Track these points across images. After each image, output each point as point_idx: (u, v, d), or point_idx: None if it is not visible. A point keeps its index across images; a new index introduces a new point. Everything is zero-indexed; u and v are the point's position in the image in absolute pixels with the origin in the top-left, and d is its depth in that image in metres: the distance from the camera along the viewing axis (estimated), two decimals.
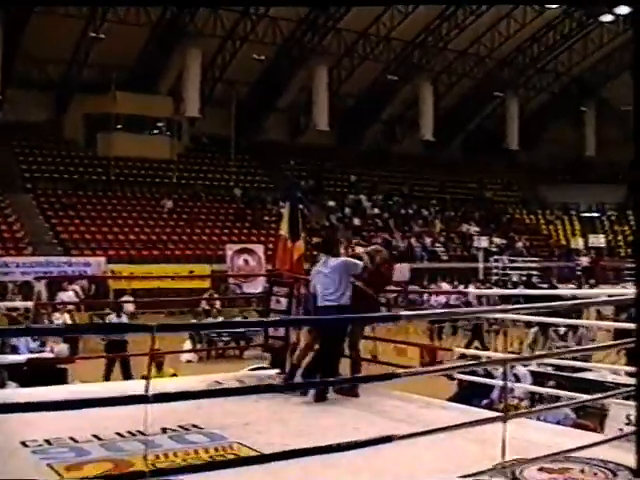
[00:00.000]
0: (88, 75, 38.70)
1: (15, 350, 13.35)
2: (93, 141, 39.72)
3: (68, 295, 23.96)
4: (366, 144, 47.45)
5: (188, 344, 19.70)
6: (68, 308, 20.70)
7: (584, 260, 43.58)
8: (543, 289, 30.12)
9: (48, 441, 6.40)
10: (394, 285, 31.08)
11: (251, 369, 10.06)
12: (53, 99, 39.39)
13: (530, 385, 10.23)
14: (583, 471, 5.63)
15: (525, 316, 9.97)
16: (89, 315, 23.12)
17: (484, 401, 10.36)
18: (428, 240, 42.86)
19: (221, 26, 38.91)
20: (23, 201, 35.69)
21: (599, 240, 47.35)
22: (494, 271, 38.40)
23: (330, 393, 8.21)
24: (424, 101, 45.95)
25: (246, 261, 30.37)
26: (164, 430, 6.64)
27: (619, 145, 39.16)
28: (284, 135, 45.58)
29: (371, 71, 44.55)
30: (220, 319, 21.56)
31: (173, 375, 12.86)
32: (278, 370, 9.52)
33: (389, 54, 43.73)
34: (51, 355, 14.04)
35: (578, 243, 47.34)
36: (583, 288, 30.91)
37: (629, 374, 8.39)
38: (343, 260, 8.61)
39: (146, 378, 4.31)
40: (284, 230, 10.20)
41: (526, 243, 45.97)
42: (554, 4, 42.05)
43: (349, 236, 34.52)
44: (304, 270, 9.70)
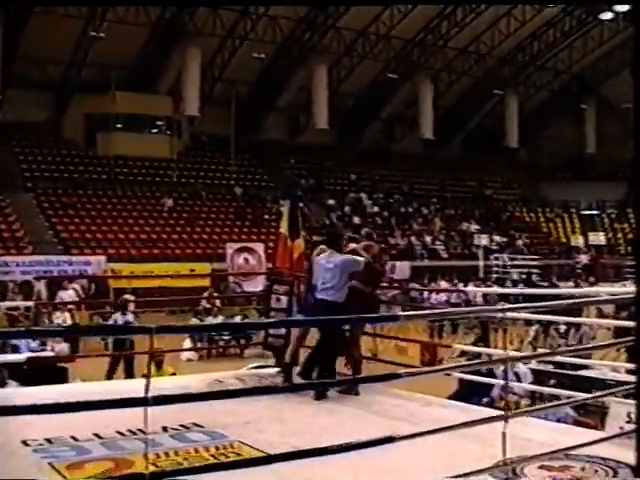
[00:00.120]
0: (88, 75, 38.69)
1: (16, 349, 13.35)
2: (93, 140, 39.69)
3: (68, 294, 23.95)
4: (366, 143, 47.42)
5: (188, 343, 19.71)
6: (68, 307, 20.70)
7: (584, 258, 43.58)
8: (543, 287, 30.20)
9: (49, 440, 6.40)
10: (394, 283, 31.14)
11: (252, 367, 10.07)
12: (53, 99, 39.37)
13: (530, 383, 10.22)
14: (584, 469, 5.63)
15: (525, 314, 9.96)
16: (89, 314, 23.09)
17: (484, 399, 10.36)
18: (428, 238, 42.86)
19: (221, 25, 38.89)
20: (23, 200, 35.66)
21: (599, 238, 47.40)
22: (494, 269, 38.38)
23: (330, 391, 8.21)
24: (424, 99, 45.93)
25: (246, 260, 30.40)
26: (165, 429, 6.65)
27: (619, 143, 39.22)
28: (284, 134, 45.56)
29: (371, 70, 44.54)
30: (220, 318, 21.56)
31: (173, 374, 12.87)
32: (279, 369, 9.52)
33: (389, 53, 43.69)
34: (52, 354, 14.04)
35: (578, 241, 47.37)
36: (582, 286, 30.92)
37: (630, 372, 8.39)
38: (347, 257, 8.61)
39: (146, 377, 4.30)
40: (284, 228, 10.20)
41: (526, 241, 45.94)
42: (554, 4, 42.06)
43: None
44: (304, 268, 9.70)
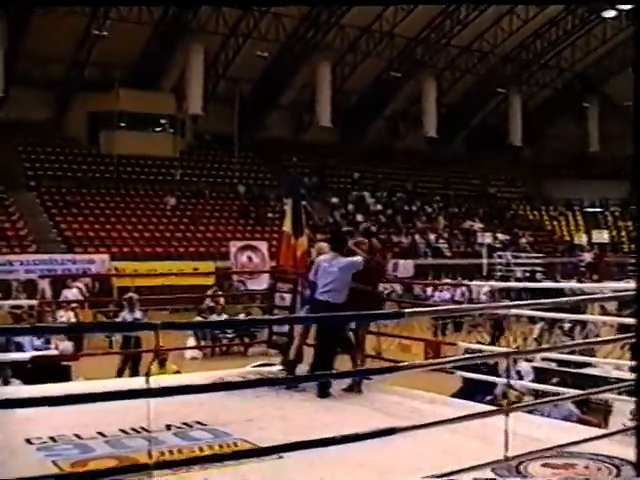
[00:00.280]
0: (91, 73, 38.71)
1: (19, 347, 13.34)
2: (96, 139, 39.70)
3: (72, 293, 23.95)
4: (369, 140, 47.39)
5: (192, 341, 19.71)
6: (72, 306, 20.71)
7: (588, 256, 43.51)
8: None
9: (53, 438, 6.43)
10: (397, 281, 31.11)
11: (255, 366, 10.08)
12: (56, 97, 39.39)
13: (533, 381, 10.20)
14: (587, 467, 5.63)
15: (529, 311, 9.96)
16: (93, 313, 23.10)
17: (487, 397, 10.34)
18: (432, 236, 42.84)
19: (224, 23, 38.89)
20: (27, 199, 35.70)
21: (603, 236, 47.32)
22: (498, 267, 38.36)
23: (332, 388, 8.22)
24: (427, 97, 45.89)
25: (250, 258, 30.42)
26: (168, 427, 6.67)
27: (622, 141, 38.94)
28: (287, 132, 45.55)
29: (374, 67, 44.50)
30: (224, 316, 21.55)
31: (176, 372, 12.88)
32: (282, 367, 9.53)
33: (392, 50, 43.64)
34: (55, 352, 14.03)
35: (582, 239, 47.32)
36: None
37: (633, 369, 8.37)
38: (347, 260, 8.62)
39: (147, 374, 4.32)
40: (287, 227, 10.20)
41: (530, 239, 45.92)
42: (554, 4, 42.05)
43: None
44: (307, 266, 9.69)
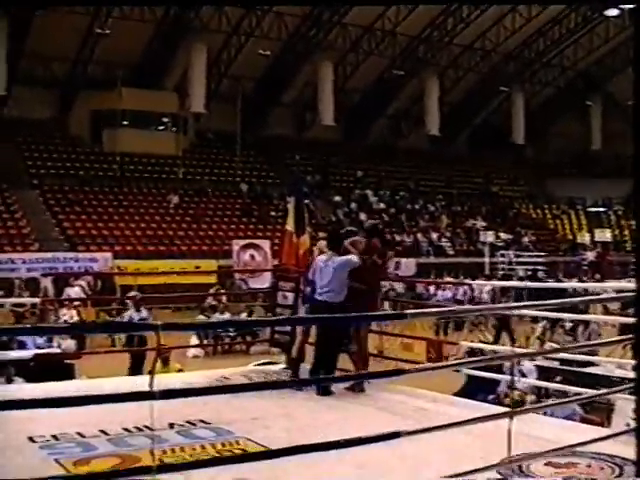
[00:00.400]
0: (93, 71, 38.70)
1: (22, 346, 13.36)
2: (99, 137, 39.68)
3: (75, 291, 23.98)
4: (372, 139, 47.36)
5: (194, 340, 19.70)
6: (75, 304, 20.72)
7: (590, 255, 43.45)
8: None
9: (55, 436, 6.43)
10: (398, 279, 31.07)
11: (258, 364, 10.08)
12: (58, 96, 39.38)
13: (536, 380, 10.20)
14: (590, 466, 5.63)
15: (533, 311, 9.95)
16: (96, 311, 23.12)
17: (490, 396, 10.34)
18: (434, 235, 42.82)
19: (226, 21, 38.88)
20: (29, 197, 35.72)
21: (605, 235, 47.25)
22: (500, 266, 38.32)
23: (334, 386, 8.24)
24: (430, 96, 45.85)
25: (252, 256, 30.42)
26: (171, 425, 6.67)
27: (625, 139, 38.85)
28: (290, 130, 45.53)
29: (377, 66, 44.46)
30: (227, 315, 21.55)
31: (179, 370, 12.89)
32: (285, 365, 9.53)
33: (394, 49, 43.61)
34: (58, 351, 14.05)
35: (585, 238, 47.26)
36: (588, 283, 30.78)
37: (635, 368, 8.36)
38: (342, 259, 8.66)
39: (151, 373, 4.31)
40: (290, 225, 10.19)
41: (532, 238, 45.88)
42: (555, 4, 42.09)
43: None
44: (308, 264, 9.70)
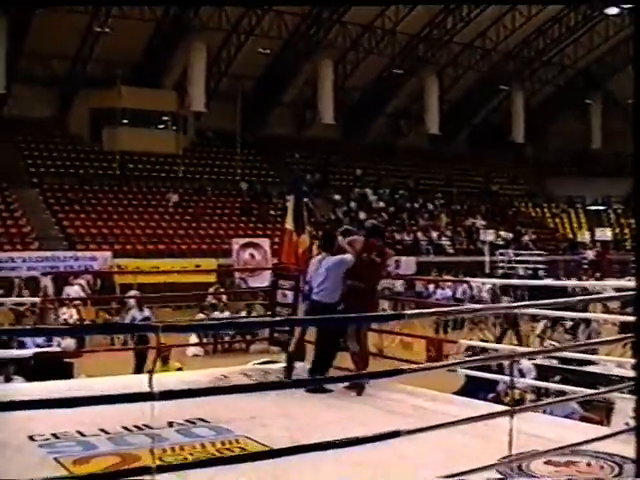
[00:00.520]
0: (93, 70, 38.69)
1: (22, 344, 13.35)
2: (99, 136, 39.68)
3: (74, 290, 23.95)
4: (371, 138, 47.35)
5: (194, 338, 19.71)
6: (75, 303, 20.71)
7: (590, 253, 43.48)
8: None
9: (55, 435, 6.42)
10: (398, 277, 31.07)
11: (258, 363, 10.07)
12: (58, 94, 39.36)
13: (535, 379, 10.20)
14: (589, 464, 5.63)
15: (533, 310, 9.95)
16: (96, 310, 23.13)
17: (490, 395, 10.34)
18: (434, 234, 42.82)
19: (226, 20, 38.88)
20: (29, 196, 35.71)
21: (605, 233, 47.26)
22: (500, 265, 38.33)
23: (332, 385, 8.25)
24: (429, 94, 45.86)
25: (252, 255, 30.41)
26: (171, 424, 6.66)
27: (625, 138, 38.82)
28: (290, 129, 45.52)
29: (376, 65, 44.46)
30: (227, 313, 21.56)
31: (179, 369, 12.88)
32: (285, 364, 9.53)
33: (394, 47, 43.61)
34: (58, 349, 14.04)
35: (584, 236, 47.27)
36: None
37: (634, 367, 8.36)
38: (335, 259, 8.68)
39: (151, 372, 4.31)
40: (289, 224, 10.20)
41: (532, 237, 45.88)
42: (553, 4, 42.13)
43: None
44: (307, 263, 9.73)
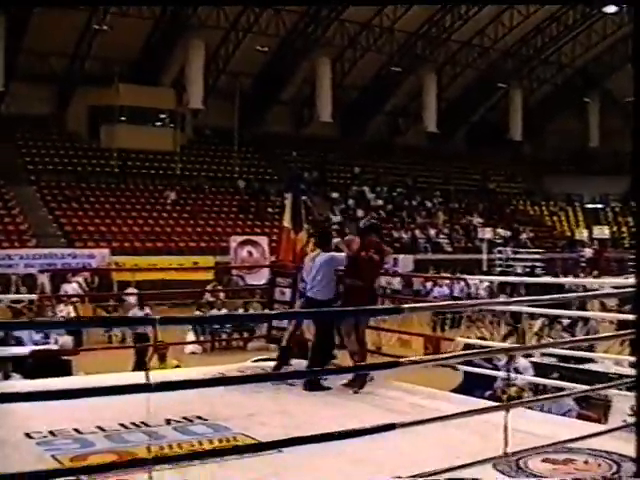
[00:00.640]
0: (91, 67, 38.66)
1: (19, 342, 13.35)
2: (97, 133, 39.69)
3: (72, 287, 23.89)
4: (370, 135, 47.35)
5: (191, 336, 19.71)
6: (72, 300, 20.69)
7: (588, 251, 43.52)
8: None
9: (52, 432, 6.43)
10: (396, 275, 31.09)
11: (255, 360, 10.07)
12: (56, 92, 39.32)
13: (532, 377, 10.21)
14: (587, 462, 5.64)
15: (529, 307, 9.94)
16: (93, 307, 23.10)
17: (487, 392, 10.34)
18: (432, 231, 42.84)
19: (224, 18, 38.84)
20: (27, 193, 35.67)
21: (603, 231, 47.32)
22: (498, 262, 38.36)
23: (329, 381, 8.25)
24: (428, 92, 45.85)
25: (250, 253, 30.34)
26: (168, 421, 6.67)
27: (623, 136, 39.04)
28: (287, 127, 45.50)
29: (374, 62, 44.46)
30: (224, 311, 21.55)
31: (176, 367, 12.88)
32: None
33: (392, 45, 43.60)
34: (55, 347, 14.04)
35: (582, 234, 47.31)
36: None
37: (632, 365, 8.37)
38: (327, 256, 8.73)
39: (146, 369, 4.31)
40: (287, 221, 10.22)
41: (530, 234, 45.93)
42: (552, 4, 42.20)
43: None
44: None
